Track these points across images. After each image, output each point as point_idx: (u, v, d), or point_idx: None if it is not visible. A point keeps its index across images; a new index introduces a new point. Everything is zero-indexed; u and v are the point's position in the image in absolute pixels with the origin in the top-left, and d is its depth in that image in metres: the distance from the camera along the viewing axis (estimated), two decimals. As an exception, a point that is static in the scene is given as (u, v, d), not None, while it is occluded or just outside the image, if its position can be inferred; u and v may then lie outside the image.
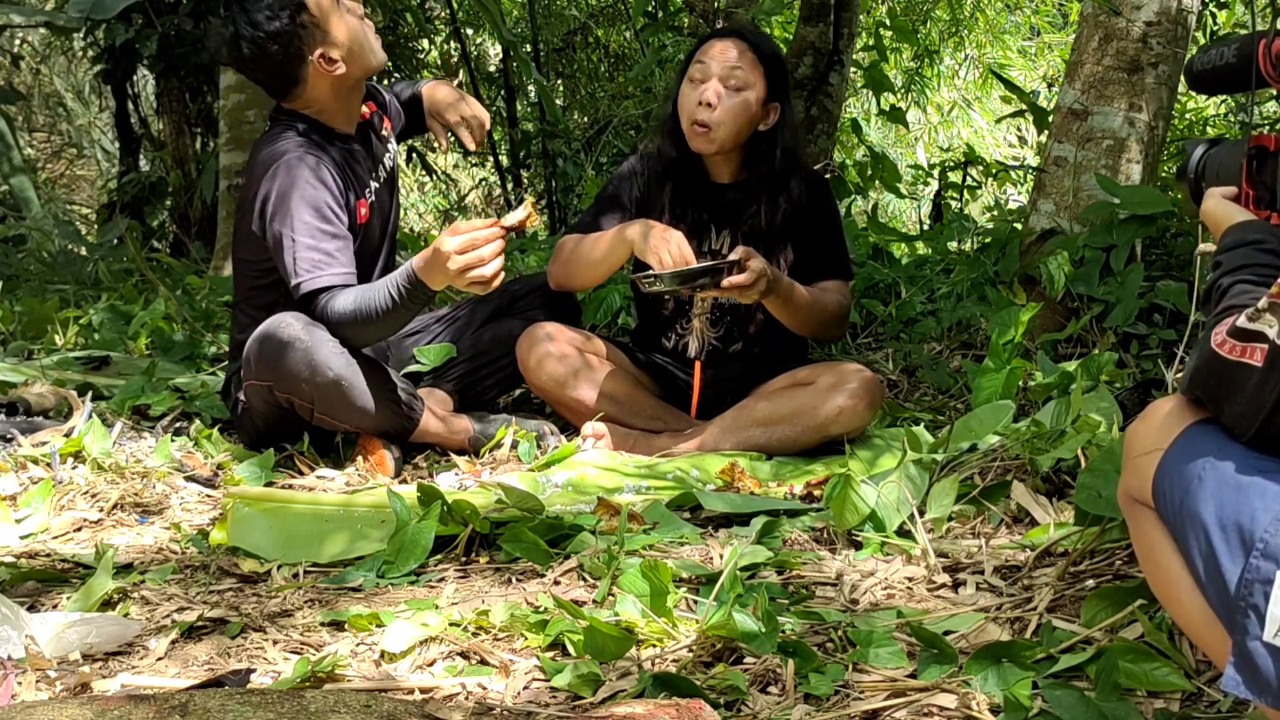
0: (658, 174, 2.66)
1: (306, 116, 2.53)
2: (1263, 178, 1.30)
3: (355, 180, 2.55)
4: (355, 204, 2.53)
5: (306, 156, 2.44)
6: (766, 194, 2.61)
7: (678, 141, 2.61)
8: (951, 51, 9.24)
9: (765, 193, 2.61)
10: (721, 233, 2.64)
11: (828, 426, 2.43)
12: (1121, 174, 3.04)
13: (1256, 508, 0.99)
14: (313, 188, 2.40)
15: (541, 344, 2.58)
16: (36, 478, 2.28)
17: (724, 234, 2.64)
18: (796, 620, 1.55)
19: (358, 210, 2.54)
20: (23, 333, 3.81)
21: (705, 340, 2.68)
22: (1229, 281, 1.17)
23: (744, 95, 2.52)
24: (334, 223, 2.42)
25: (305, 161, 2.43)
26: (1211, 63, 1.37)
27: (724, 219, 2.64)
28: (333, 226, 2.41)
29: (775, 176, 2.60)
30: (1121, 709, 1.26)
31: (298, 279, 2.37)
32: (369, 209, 2.58)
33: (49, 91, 10.09)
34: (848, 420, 2.42)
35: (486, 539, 1.91)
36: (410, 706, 1.24)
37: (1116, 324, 2.82)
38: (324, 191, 2.42)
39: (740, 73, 2.52)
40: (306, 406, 2.39)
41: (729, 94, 2.51)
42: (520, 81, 7.63)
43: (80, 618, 1.55)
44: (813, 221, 2.65)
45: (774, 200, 2.61)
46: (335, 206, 2.43)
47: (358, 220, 2.53)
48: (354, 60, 2.50)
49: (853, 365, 2.52)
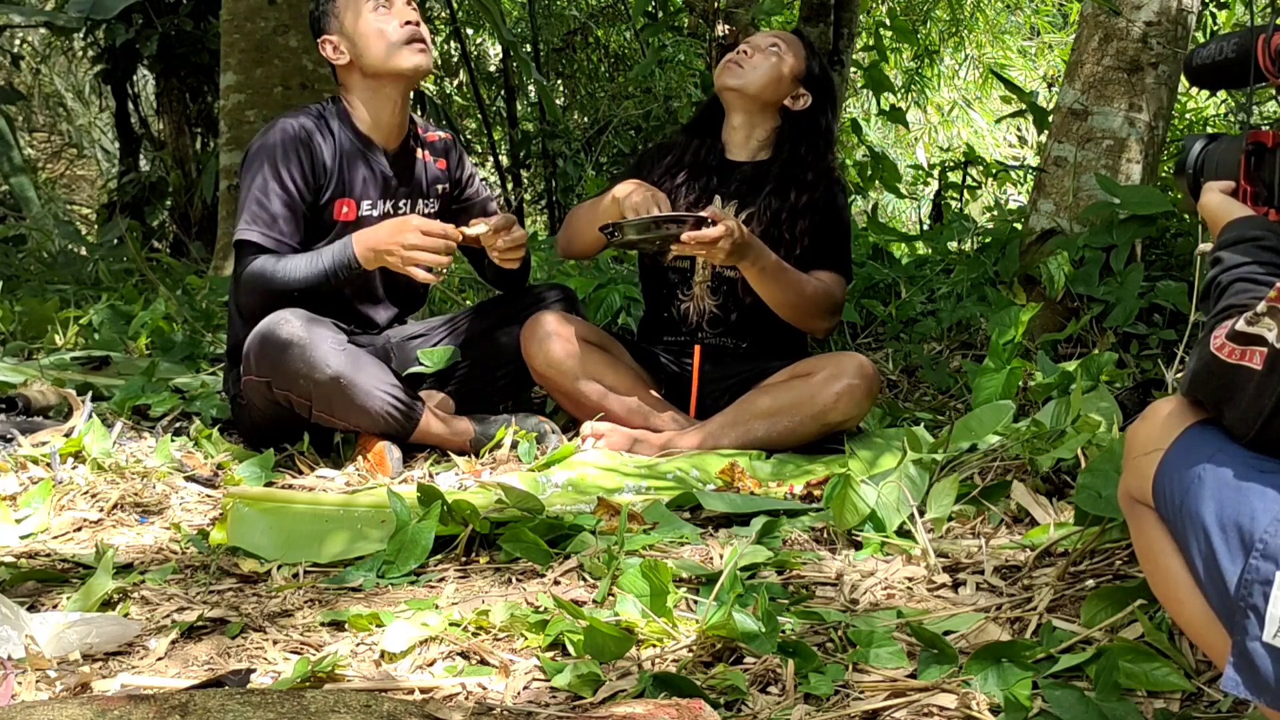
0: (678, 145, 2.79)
1: (340, 104, 2.62)
2: (1260, 174, 1.30)
3: (349, 179, 2.56)
4: (334, 200, 2.55)
5: (295, 125, 2.52)
6: (787, 179, 2.67)
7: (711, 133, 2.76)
8: (951, 51, 9.25)
9: (785, 177, 2.67)
10: (729, 204, 2.67)
11: (827, 415, 2.44)
12: (1121, 174, 3.04)
13: (1256, 508, 0.99)
14: (283, 151, 2.48)
15: (545, 332, 2.59)
16: (36, 478, 2.28)
17: (731, 204, 2.67)
18: (796, 620, 1.55)
19: (335, 206, 2.55)
20: (23, 333, 3.81)
21: (705, 308, 2.71)
22: (1228, 279, 1.17)
23: (778, 61, 2.67)
24: (288, 191, 2.48)
25: (289, 129, 2.51)
26: (1211, 57, 1.37)
27: (734, 192, 2.69)
28: (285, 195, 2.48)
29: (801, 162, 2.68)
30: (1121, 709, 1.26)
31: (236, 227, 2.48)
32: (355, 213, 2.58)
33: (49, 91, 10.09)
34: (846, 407, 2.43)
35: (486, 539, 1.91)
36: (410, 706, 1.24)
37: (1116, 324, 2.82)
38: (292, 159, 2.48)
39: (778, 46, 2.69)
40: (304, 404, 2.39)
41: (764, 56, 2.68)
42: (520, 81, 7.63)
43: (80, 618, 1.54)
44: (822, 213, 2.67)
45: (795, 185, 2.67)
46: (296, 177, 2.49)
47: (334, 215, 2.55)
48: (359, 54, 2.54)
49: (851, 355, 2.52)
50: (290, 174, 2.48)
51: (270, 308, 2.42)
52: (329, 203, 2.54)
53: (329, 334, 2.39)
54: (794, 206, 2.64)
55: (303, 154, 2.49)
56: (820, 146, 2.71)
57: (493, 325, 2.77)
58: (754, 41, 2.72)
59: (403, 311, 2.81)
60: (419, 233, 2.35)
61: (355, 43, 2.54)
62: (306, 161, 2.49)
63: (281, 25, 4.61)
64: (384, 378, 2.45)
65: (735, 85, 2.67)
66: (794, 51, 2.69)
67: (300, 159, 2.49)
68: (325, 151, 2.52)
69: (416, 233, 2.35)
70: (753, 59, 2.66)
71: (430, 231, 2.36)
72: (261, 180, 2.46)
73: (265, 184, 2.46)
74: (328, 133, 2.55)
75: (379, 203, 2.61)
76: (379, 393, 2.41)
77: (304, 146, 2.50)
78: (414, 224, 2.38)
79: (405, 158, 2.67)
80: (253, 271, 2.44)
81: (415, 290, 2.81)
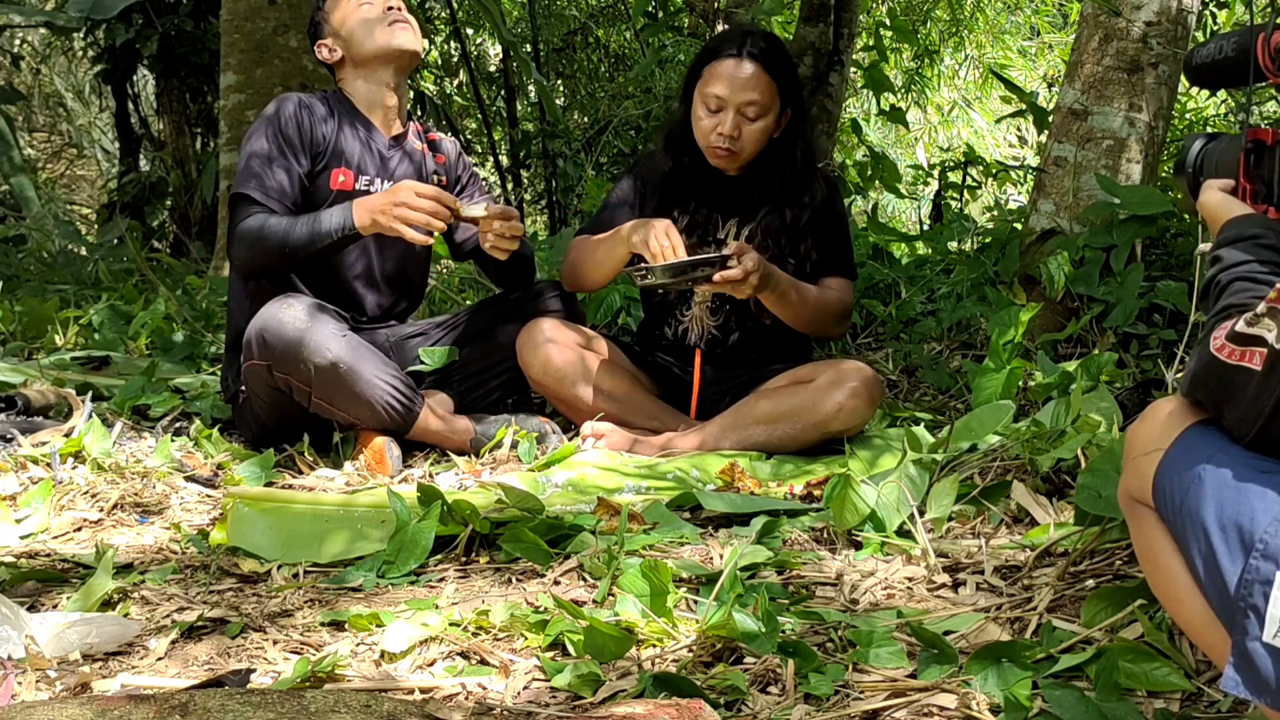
0: (664, 169, 2.69)
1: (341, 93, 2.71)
2: (1260, 172, 1.30)
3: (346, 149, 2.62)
4: (331, 168, 2.61)
5: (296, 97, 2.61)
6: (787, 192, 2.63)
7: (689, 150, 2.62)
8: (951, 51, 9.25)
9: (785, 190, 2.63)
10: (728, 222, 2.66)
11: (828, 424, 2.44)
12: (1121, 174, 3.04)
13: (1256, 508, 0.99)
14: (283, 119, 2.56)
15: (542, 340, 2.58)
16: (36, 478, 2.28)
17: (730, 223, 2.65)
18: (796, 620, 1.55)
19: (332, 174, 2.61)
20: (23, 333, 3.81)
21: (705, 329, 2.70)
22: (1228, 278, 1.17)
23: (763, 121, 2.54)
24: (285, 155, 2.54)
25: (290, 99, 2.60)
26: (1210, 56, 1.37)
27: (731, 209, 2.66)
28: (284, 160, 2.54)
29: (797, 176, 2.63)
30: (1121, 709, 1.26)
31: (236, 182, 2.54)
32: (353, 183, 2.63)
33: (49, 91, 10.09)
34: (848, 417, 2.43)
35: (486, 539, 1.91)
36: (410, 706, 1.24)
37: (1116, 324, 2.82)
38: (291, 126, 2.56)
39: (757, 102, 2.51)
40: (304, 390, 2.40)
41: (748, 123, 2.53)
42: (520, 81, 7.63)
43: (80, 618, 1.54)
44: (821, 219, 2.66)
45: (795, 198, 2.63)
46: (295, 141, 2.55)
47: (330, 184, 2.61)
48: (348, 45, 2.65)
49: (853, 363, 2.52)
50: (289, 138, 2.55)
51: (261, 265, 2.50)
52: (324, 169, 2.60)
53: (331, 321, 2.42)
54: (796, 220, 2.63)
55: (303, 119, 2.57)
56: (809, 146, 2.66)
57: (492, 324, 2.78)
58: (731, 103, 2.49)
59: (400, 301, 2.82)
60: (413, 194, 2.40)
61: (343, 36, 2.64)
62: (306, 127, 2.57)
63: (281, 25, 4.61)
64: (385, 368, 2.46)
65: (735, 164, 2.59)
66: (770, 90, 2.52)
67: (299, 125, 2.57)
68: (325, 123, 2.61)
69: (410, 193, 2.39)
70: (741, 139, 2.52)
71: (424, 194, 2.40)
72: (262, 144, 2.54)
73: (265, 146, 2.54)
74: (329, 107, 2.64)
75: (376, 180, 2.66)
76: (379, 382, 2.42)
77: (305, 112, 2.59)
78: (409, 185, 2.43)
79: (404, 143, 2.74)
80: (249, 226, 2.48)
81: (413, 280, 2.82)
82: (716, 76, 2.52)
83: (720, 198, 2.66)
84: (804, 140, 2.64)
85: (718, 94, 2.51)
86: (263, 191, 2.50)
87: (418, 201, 2.38)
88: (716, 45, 2.60)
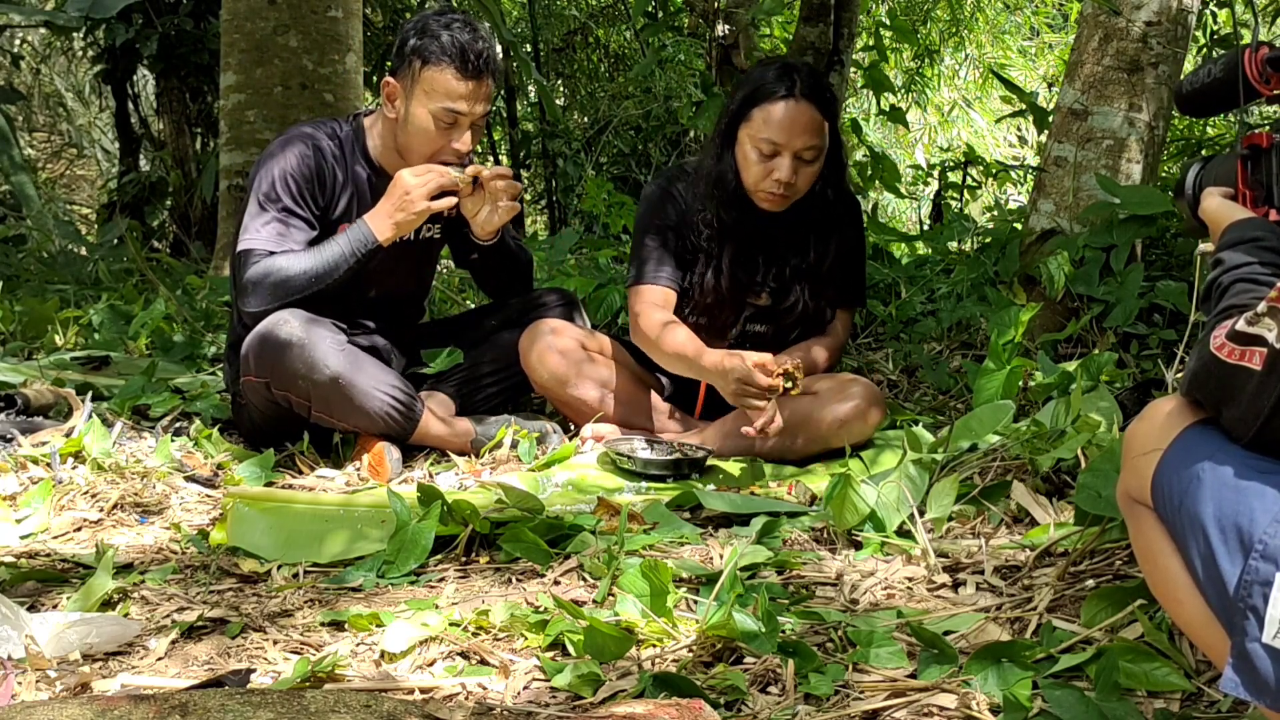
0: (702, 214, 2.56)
1: (359, 124, 2.60)
2: (1258, 177, 1.31)
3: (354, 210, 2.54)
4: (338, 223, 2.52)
5: (304, 140, 2.50)
6: (817, 229, 2.59)
7: (736, 196, 2.51)
8: (951, 51, 9.25)
9: (817, 227, 2.59)
10: (770, 269, 2.60)
11: (829, 440, 2.43)
12: (1121, 174, 3.04)
13: (1255, 509, 0.99)
14: (294, 160, 2.47)
15: (544, 340, 2.57)
16: (36, 478, 2.28)
17: (772, 270, 2.61)
18: (796, 620, 1.55)
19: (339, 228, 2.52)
20: (23, 333, 3.81)
21: None
22: (1229, 280, 1.17)
23: (818, 164, 2.48)
24: (296, 201, 2.47)
25: (299, 143, 2.50)
26: (1200, 81, 1.39)
27: (767, 252, 2.60)
28: (290, 203, 2.47)
29: (829, 210, 2.58)
30: (1121, 709, 1.26)
31: (240, 238, 2.47)
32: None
33: (49, 91, 10.09)
34: (850, 434, 2.40)
35: (486, 539, 1.91)
36: (410, 706, 1.24)
37: (1116, 324, 2.82)
38: (299, 172, 2.47)
39: (815, 145, 2.44)
40: (304, 404, 2.39)
41: (805, 166, 2.45)
42: (520, 81, 7.63)
43: (80, 618, 1.55)
44: (843, 248, 2.64)
45: (825, 236, 2.59)
46: (303, 186, 2.47)
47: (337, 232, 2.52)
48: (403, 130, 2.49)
49: (858, 381, 2.49)
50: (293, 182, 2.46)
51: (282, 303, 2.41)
52: (335, 222, 2.54)
53: (328, 334, 2.38)
54: (821, 259, 2.60)
55: (306, 162, 2.48)
56: (842, 173, 2.61)
57: (494, 327, 2.78)
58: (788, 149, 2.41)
59: (403, 308, 2.80)
60: (410, 176, 2.40)
61: (408, 121, 2.48)
62: (309, 170, 2.48)
63: (281, 25, 4.60)
64: (384, 378, 2.45)
65: (786, 205, 2.50)
66: (822, 131, 2.44)
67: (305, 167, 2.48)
68: (334, 180, 2.52)
69: (407, 178, 2.40)
70: (797, 184, 2.45)
71: (419, 172, 2.41)
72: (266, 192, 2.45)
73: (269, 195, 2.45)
74: (339, 158, 2.53)
75: None
76: (378, 393, 2.41)
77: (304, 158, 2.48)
78: (401, 176, 2.42)
79: None
80: (259, 270, 2.41)
81: (416, 290, 2.81)
82: (770, 120, 2.41)
83: (758, 240, 2.58)
84: (842, 170, 2.60)
85: (773, 139, 2.41)
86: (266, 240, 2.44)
87: (420, 179, 2.39)
88: (761, 84, 2.46)
